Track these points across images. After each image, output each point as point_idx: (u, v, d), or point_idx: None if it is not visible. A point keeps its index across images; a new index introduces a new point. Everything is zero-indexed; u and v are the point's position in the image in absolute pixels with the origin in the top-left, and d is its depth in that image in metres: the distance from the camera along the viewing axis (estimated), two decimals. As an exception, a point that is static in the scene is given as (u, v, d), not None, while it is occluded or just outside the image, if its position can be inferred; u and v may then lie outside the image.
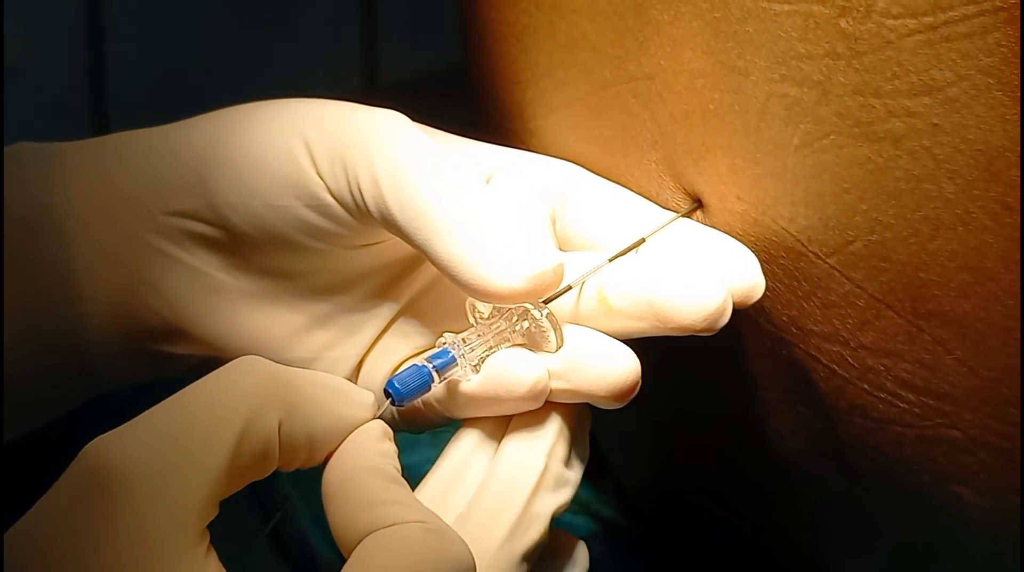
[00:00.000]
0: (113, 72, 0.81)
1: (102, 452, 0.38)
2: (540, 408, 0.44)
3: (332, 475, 0.41)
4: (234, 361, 0.40)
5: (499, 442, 0.45)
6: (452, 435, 0.46)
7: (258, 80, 0.85)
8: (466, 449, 0.45)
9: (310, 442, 0.41)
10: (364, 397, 0.43)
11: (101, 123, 0.82)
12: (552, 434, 0.45)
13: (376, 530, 0.39)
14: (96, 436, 0.40)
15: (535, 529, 0.43)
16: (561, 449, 0.45)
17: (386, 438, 0.43)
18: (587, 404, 0.45)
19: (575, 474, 0.45)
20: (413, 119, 0.47)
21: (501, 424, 0.45)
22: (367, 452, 0.42)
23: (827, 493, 0.49)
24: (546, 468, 0.44)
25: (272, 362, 0.41)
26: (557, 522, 0.45)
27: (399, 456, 0.42)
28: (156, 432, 0.38)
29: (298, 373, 0.41)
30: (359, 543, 0.39)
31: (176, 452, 0.38)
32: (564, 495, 0.45)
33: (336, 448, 0.42)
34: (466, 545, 0.39)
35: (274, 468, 0.40)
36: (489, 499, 0.43)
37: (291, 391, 0.40)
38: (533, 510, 0.43)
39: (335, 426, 0.41)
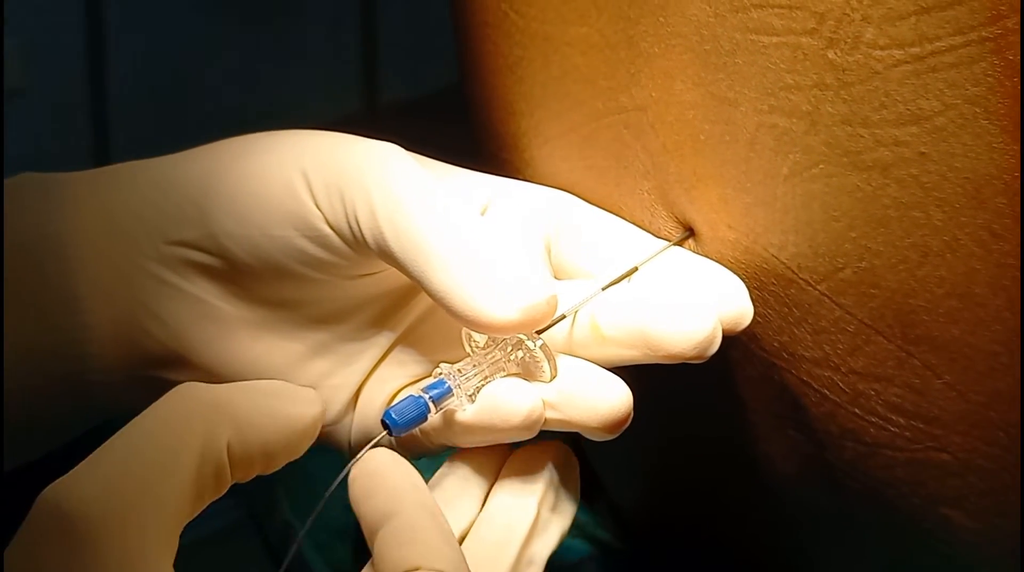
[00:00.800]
0: (114, 93, 0.82)
1: (59, 496, 0.38)
2: (531, 456, 0.45)
3: (374, 508, 0.43)
4: (172, 390, 0.42)
5: (484, 478, 0.46)
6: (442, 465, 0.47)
7: (259, 102, 0.86)
8: (454, 485, 0.46)
9: (264, 452, 0.42)
10: (307, 394, 0.44)
11: (102, 144, 0.83)
12: (544, 481, 0.46)
13: (405, 571, 0.41)
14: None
15: None
16: (552, 495, 0.46)
17: (413, 467, 0.44)
18: (572, 449, 0.46)
19: (566, 517, 0.46)
20: (413, 142, 0.47)
21: (491, 459, 0.46)
22: (406, 485, 0.43)
23: (818, 516, 0.50)
24: (538, 515, 0.45)
25: (209, 385, 0.42)
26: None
27: None
28: (110, 471, 0.39)
29: (237, 388, 0.42)
30: None
31: (132, 488, 0.39)
32: (556, 538, 0.46)
33: (292, 453, 0.43)
34: None
35: (228, 486, 0.42)
36: (485, 546, 0.44)
37: (234, 409, 0.41)
38: (528, 556, 0.45)
39: (286, 430, 0.43)
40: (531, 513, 0.45)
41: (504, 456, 0.48)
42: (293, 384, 0.44)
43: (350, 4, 0.89)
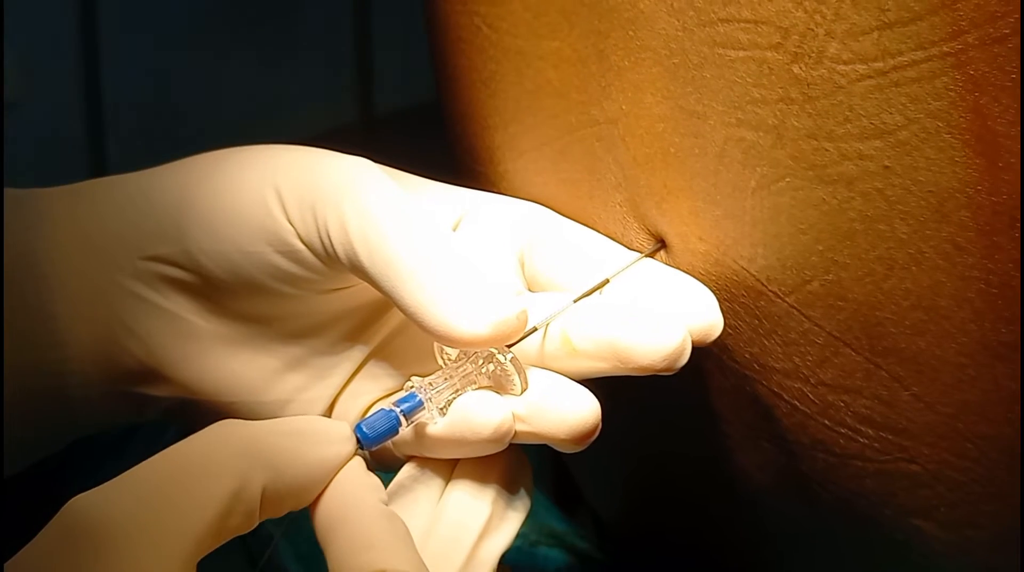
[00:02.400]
0: (109, 105, 0.82)
1: (88, 506, 0.38)
2: (485, 457, 0.45)
3: (327, 514, 0.42)
4: (214, 425, 0.41)
5: (443, 480, 0.46)
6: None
7: (253, 111, 0.86)
8: (411, 487, 0.46)
9: (297, 492, 0.42)
10: (341, 431, 0.43)
11: (98, 155, 0.83)
12: (497, 481, 0.46)
13: None
14: (81, 480, 0.40)
15: None
16: (505, 495, 0.46)
17: (369, 471, 0.44)
18: (523, 451, 0.46)
19: (519, 517, 0.46)
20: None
21: (447, 461, 0.47)
22: (360, 490, 0.43)
23: (792, 526, 0.50)
24: (492, 514, 0.45)
25: (248, 423, 0.42)
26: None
27: None
28: (143, 488, 0.39)
29: (275, 428, 0.42)
30: None
31: (164, 509, 0.39)
32: (508, 537, 0.46)
33: (323, 490, 0.43)
34: None
35: (255, 525, 0.41)
36: (439, 543, 0.44)
37: (273, 454, 0.41)
38: (480, 555, 0.45)
39: (319, 471, 0.42)
40: (485, 512, 0.46)
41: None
42: (327, 420, 0.44)
43: (344, 13, 0.89)
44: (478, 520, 0.45)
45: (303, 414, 0.49)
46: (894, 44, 0.40)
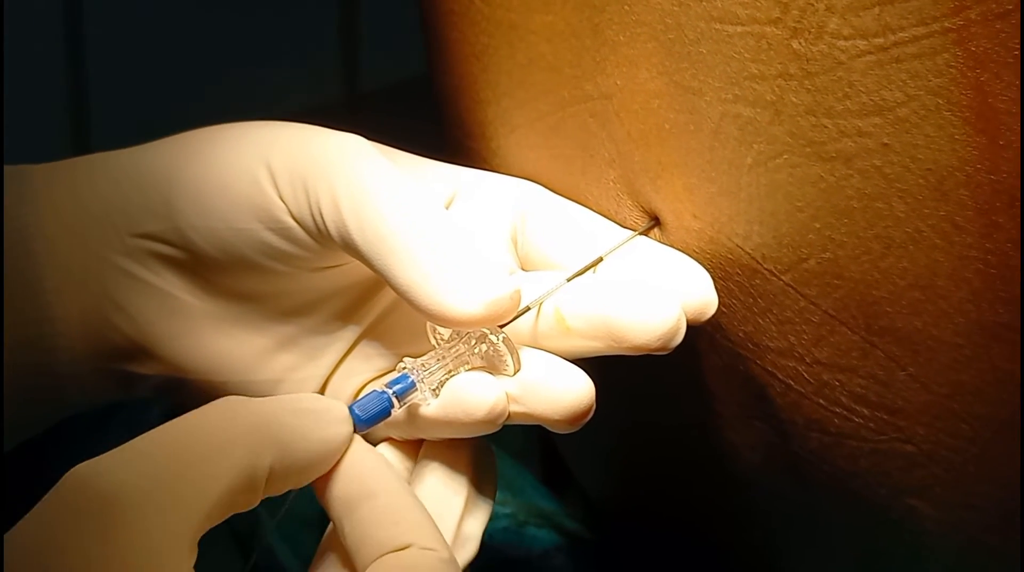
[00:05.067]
0: (93, 85, 0.82)
1: (94, 474, 0.38)
2: (451, 442, 0.46)
3: (346, 490, 0.42)
4: (221, 400, 0.41)
5: (411, 462, 0.46)
6: None
7: (239, 90, 0.85)
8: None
9: (300, 471, 0.42)
10: (340, 412, 0.43)
11: (82, 132, 0.82)
12: (467, 463, 0.46)
13: (393, 549, 0.41)
14: (69, 456, 0.40)
15: (468, 549, 0.45)
16: (476, 476, 0.46)
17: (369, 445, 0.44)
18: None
19: (491, 497, 0.47)
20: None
21: (411, 445, 0.47)
22: (381, 466, 0.43)
23: (786, 506, 0.50)
24: (468, 494, 0.45)
25: (253, 400, 0.41)
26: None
27: None
28: (153, 459, 0.38)
29: (282, 408, 0.41)
30: (375, 560, 0.41)
31: (174, 480, 0.38)
32: (487, 515, 0.46)
33: (321, 472, 0.43)
34: None
35: (257, 503, 0.41)
36: None
37: (280, 431, 0.41)
38: (464, 532, 0.45)
39: (324, 451, 0.42)
40: (463, 491, 0.46)
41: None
42: (328, 400, 0.43)
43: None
44: (459, 499, 0.45)
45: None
46: (895, 19, 0.39)
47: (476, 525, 0.46)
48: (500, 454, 0.62)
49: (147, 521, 0.37)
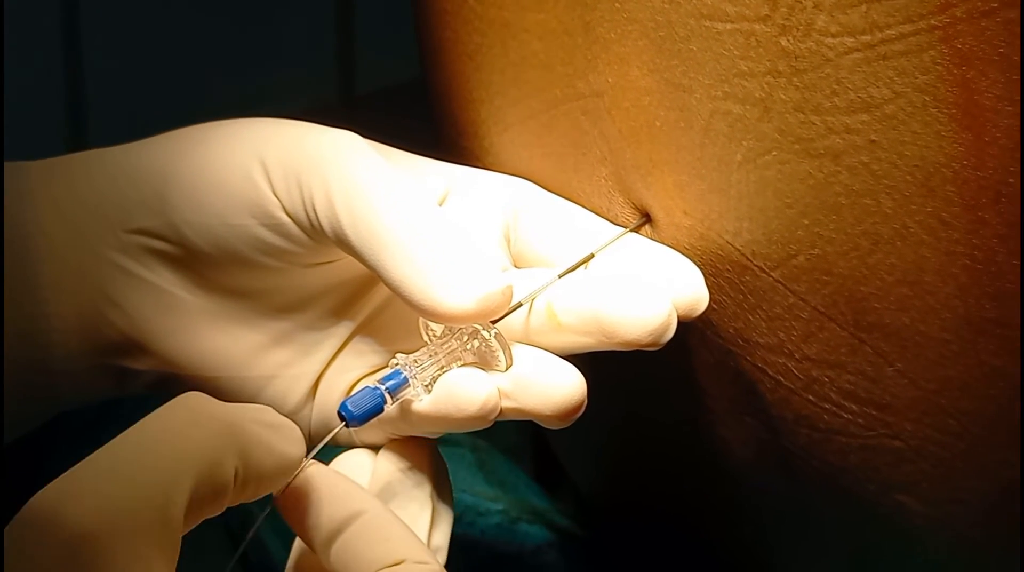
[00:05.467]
0: (91, 85, 0.82)
1: (56, 504, 0.36)
2: (409, 450, 0.47)
3: (332, 511, 0.42)
4: (177, 399, 0.40)
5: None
6: None
7: (235, 91, 0.85)
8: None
9: (256, 482, 0.41)
10: (296, 432, 0.42)
11: (79, 133, 0.83)
12: (428, 475, 0.47)
13: (387, 566, 0.41)
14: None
15: (440, 560, 0.45)
16: (437, 486, 0.47)
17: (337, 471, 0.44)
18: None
19: (450, 507, 0.47)
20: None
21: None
22: (361, 488, 0.43)
23: (777, 501, 0.50)
24: (433, 505, 0.46)
25: (214, 400, 0.40)
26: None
27: None
28: (112, 480, 0.37)
29: (241, 412, 0.41)
30: None
31: (137, 500, 0.37)
32: (450, 524, 0.47)
33: (273, 488, 0.42)
34: None
35: (224, 509, 0.40)
36: None
37: (243, 436, 0.40)
38: (434, 544, 0.45)
39: (278, 466, 0.42)
40: (428, 505, 0.46)
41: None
42: (282, 417, 0.43)
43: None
44: (425, 513, 0.46)
45: (288, 390, 0.49)
46: (882, 17, 0.40)
47: (443, 536, 0.46)
48: (493, 451, 0.63)
49: (116, 551, 0.36)
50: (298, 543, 0.46)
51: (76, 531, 0.36)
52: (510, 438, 0.65)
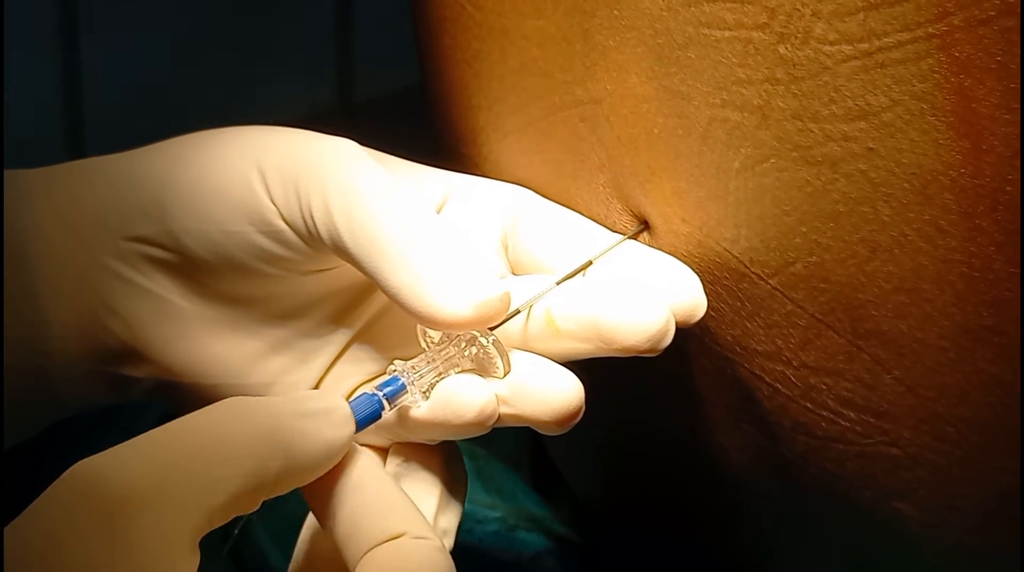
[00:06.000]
0: (89, 94, 0.82)
1: (99, 472, 0.37)
2: (419, 444, 0.47)
3: (332, 484, 0.43)
4: (231, 401, 0.40)
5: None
6: None
7: (234, 99, 0.86)
8: None
9: (302, 474, 0.42)
10: (343, 413, 0.43)
11: (77, 141, 0.83)
12: (440, 465, 0.47)
13: (387, 539, 0.41)
14: (66, 460, 0.40)
15: (447, 543, 0.45)
16: (449, 477, 0.47)
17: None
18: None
19: (463, 493, 0.47)
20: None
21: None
22: (368, 460, 0.43)
23: (774, 508, 0.50)
24: (441, 491, 0.46)
25: (266, 401, 0.41)
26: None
27: None
28: (161, 457, 0.38)
29: (285, 407, 0.41)
30: (368, 550, 0.41)
31: (184, 481, 0.38)
32: (460, 511, 0.47)
33: (320, 473, 0.42)
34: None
35: (258, 506, 0.41)
36: None
37: (289, 436, 0.41)
38: (441, 527, 0.45)
39: (326, 454, 0.42)
40: (436, 489, 0.46)
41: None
42: (330, 398, 0.43)
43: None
44: (432, 497, 0.46)
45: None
46: (880, 25, 0.40)
47: (451, 520, 0.46)
48: (491, 459, 0.63)
49: (153, 522, 0.37)
50: (308, 523, 0.46)
51: (117, 495, 0.37)
52: (508, 446, 0.65)
